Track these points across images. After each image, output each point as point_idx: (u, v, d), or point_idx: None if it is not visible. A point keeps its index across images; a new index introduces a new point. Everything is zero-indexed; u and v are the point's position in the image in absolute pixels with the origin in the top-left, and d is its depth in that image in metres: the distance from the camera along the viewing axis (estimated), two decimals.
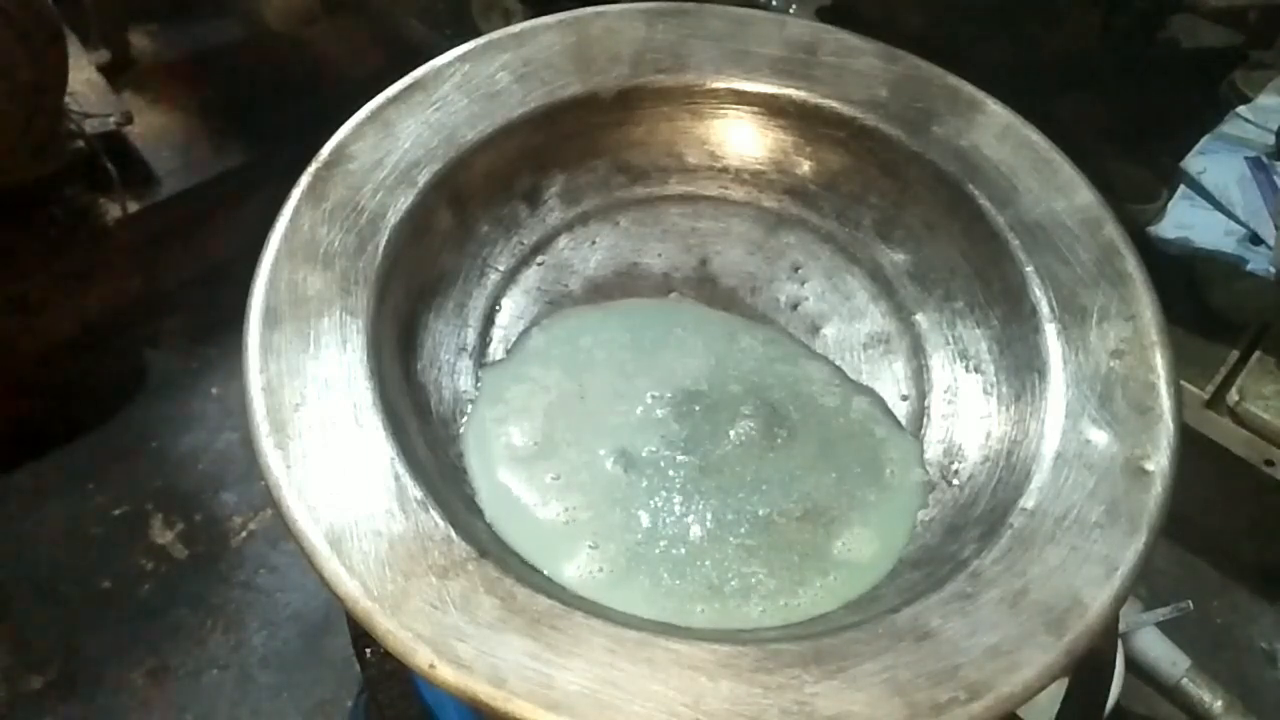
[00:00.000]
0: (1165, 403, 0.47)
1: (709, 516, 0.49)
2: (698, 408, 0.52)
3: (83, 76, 1.28)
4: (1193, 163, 1.20)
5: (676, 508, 0.49)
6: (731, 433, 0.52)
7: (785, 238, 0.60)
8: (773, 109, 0.60)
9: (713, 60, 0.60)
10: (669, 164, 0.61)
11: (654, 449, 0.51)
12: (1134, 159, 1.28)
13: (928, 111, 0.58)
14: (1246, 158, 1.19)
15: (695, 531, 0.48)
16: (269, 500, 0.42)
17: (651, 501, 0.49)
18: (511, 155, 0.57)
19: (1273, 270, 1.10)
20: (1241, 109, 1.25)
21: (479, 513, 0.48)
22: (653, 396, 0.53)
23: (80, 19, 1.36)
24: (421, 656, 0.37)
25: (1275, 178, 1.16)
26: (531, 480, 0.49)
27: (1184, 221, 1.16)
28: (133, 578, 1.24)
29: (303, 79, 1.53)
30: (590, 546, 0.47)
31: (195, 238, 1.41)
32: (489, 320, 0.56)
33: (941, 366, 0.55)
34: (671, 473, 0.50)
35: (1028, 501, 0.45)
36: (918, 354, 0.56)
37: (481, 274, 0.57)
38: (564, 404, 0.52)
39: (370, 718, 0.88)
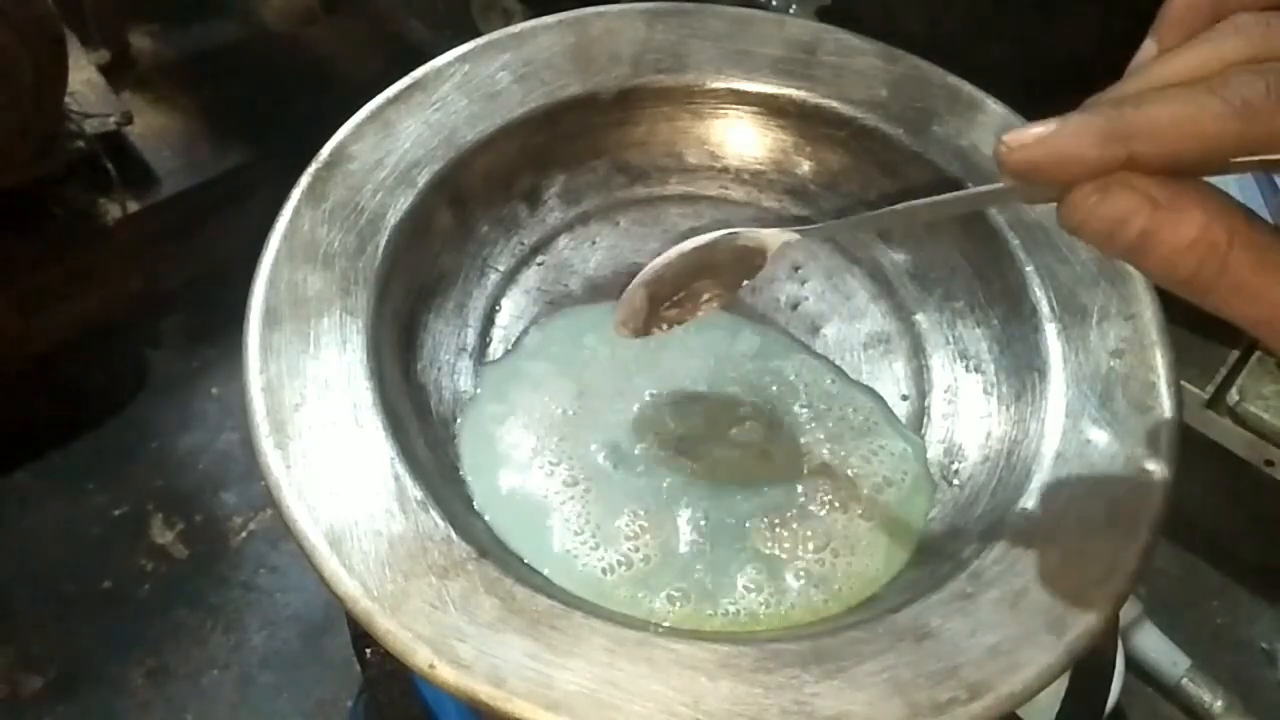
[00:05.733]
0: (1165, 403, 0.47)
1: (703, 520, 0.49)
2: (697, 407, 0.53)
3: (83, 76, 1.28)
4: None
5: (673, 509, 0.49)
6: (731, 433, 0.52)
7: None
8: (773, 109, 0.60)
9: (713, 60, 0.60)
10: (669, 164, 0.61)
11: (648, 447, 0.51)
12: None
13: (928, 111, 0.58)
14: None
15: (689, 534, 0.48)
16: (269, 500, 0.42)
17: (646, 501, 0.49)
18: (511, 155, 0.57)
19: None
20: None
21: (477, 511, 0.48)
22: (651, 395, 0.53)
23: (80, 19, 1.36)
24: (421, 656, 0.37)
25: (1275, 178, 1.16)
26: (523, 473, 0.49)
27: None
28: (133, 578, 1.24)
29: (303, 79, 1.53)
30: (578, 541, 0.47)
31: (195, 238, 1.41)
32: (489, 320, 0.56)
33: (941, 366, 0.55)
34: (665, 471, 0.50)
35: (1028, 501, 0.45)
36: (918, 354, 0.56)
37: (481, 274, 0.57)
38: (561, 401, 0.52)
39: (370, 718, 0.88)
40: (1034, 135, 0.31)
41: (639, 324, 0.50)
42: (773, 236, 0.47)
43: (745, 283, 0.49)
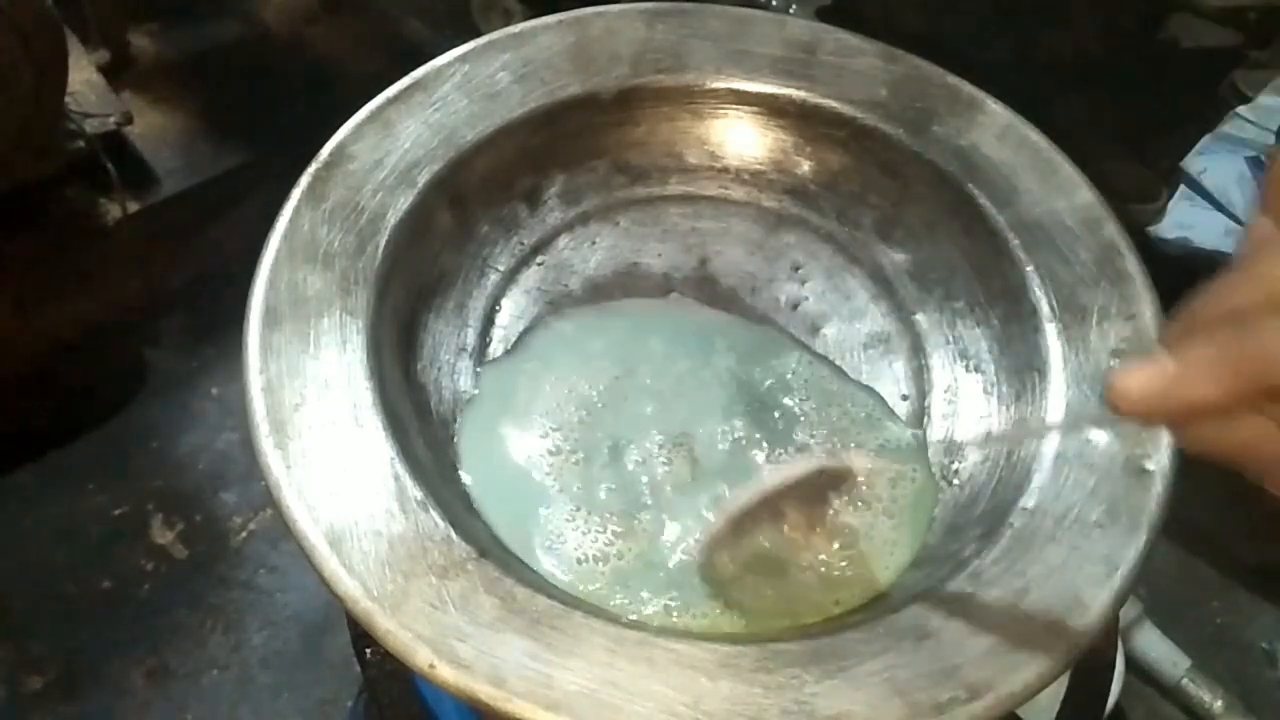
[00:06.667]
0: None
1: (707, 522, 0.48)
2: (697, 408, 0.52)
3: (83, 76, 1.27)
4: (1193, 163, 1.20)
5: (677, 510, 0.49)
6: (732, 435, 0.52)
7: (785, 238, 0.60)
8: (773, 109, 0.60)
9: (713, 60, 0.60)
10: (669, 164, 0.61)
11: (649, 446, 0.51)
12: (1134, 159, 1.28)
13: (928, 111, 0.58)
14: (1246, 158, 1.19)
15: (696, 537, 0.48)
16: (269, 500, 0.42)
17: (647, 500, 0.49)
18: (511, 155, 0.57)
19: None
20: (1241, 109, 1.25)
21: (477, 512, 0.48)
22: (651, 395, 0.53)
23: (80, 19, 1.36)
24: (421, 656, 0.38)
25: None
26: (523, 471, 0.49)
27: (1184, 221, 1.16)
28: (133, 578, 1.24)
29: (303, 79, 1.53)
30: (579, 538, 0.47)
31: (195, 238, 1.41)
32: (489, 320, 0.56)
33: (942, 366, 0.55)
34: (667, 468, 0.50)
35: (1028, 501, 0.45)
36: (918, 354, 0.56)
37: (481, 274, 0.57)
38: (561, 401, 0.52)
39: (370, 718, 0.88)
40: (1147, 379, 0.28)
41: (724, 562, 0.46)
42: (859, 461, 0.46)
43: (833, 496, 0.47)
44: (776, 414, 0.53)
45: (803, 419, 0.53)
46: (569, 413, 0.52)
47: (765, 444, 0.51)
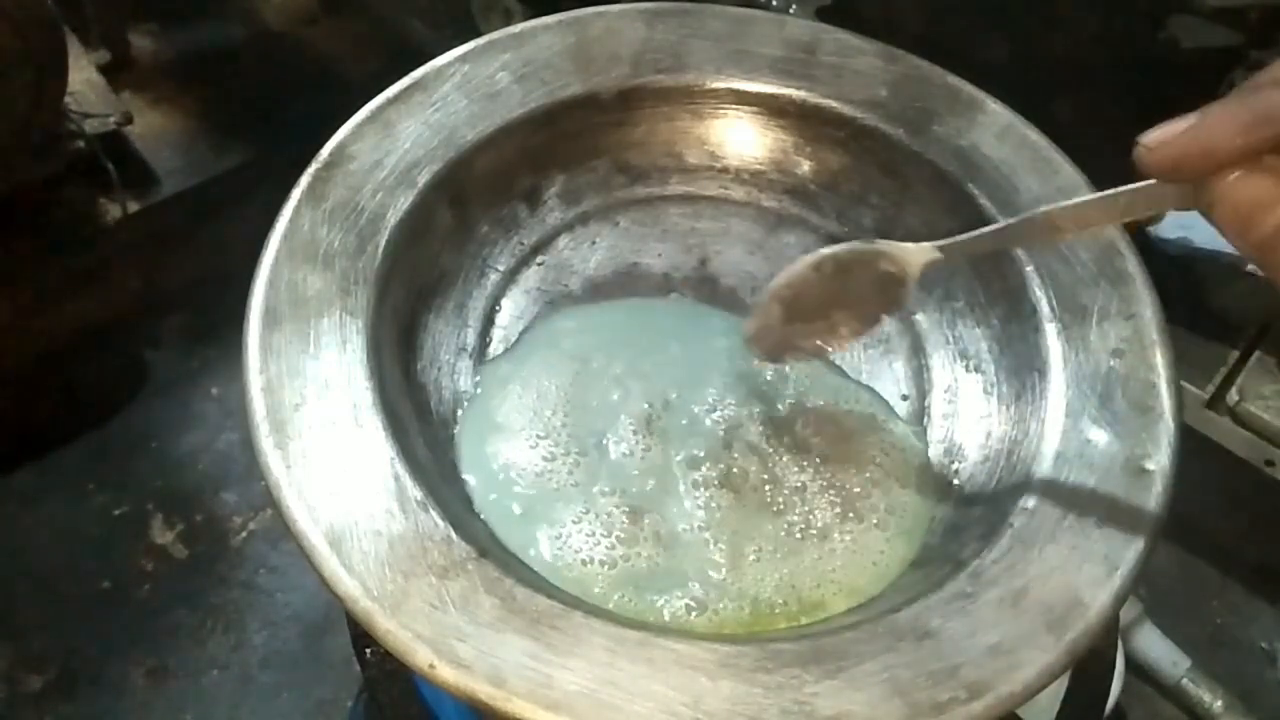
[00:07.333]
0: (1165, 402, 0.47)
1: (709, 519, 0.48)
2: (697, 406, 0.52)
3: (83, 76, 1.27)
4: None
5: (678, 511, 0.49)
6: (734, 433, 0.52)
7: (785, 238, 0.60)
8: (773, 109, 0.60)
9: (713, 60, 0.60)
10: (669, 164, 0.61)
11: (648, 446, 0.51)
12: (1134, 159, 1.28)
13: (928, 111, 0.58)
14: None
15: (704, 535, 0.48)
16: (269, 500, 0.42)
17: (647, 500, 0.49)
18: (511, 155, 0.57)
19: None
20: None
21: (477, 512, 0.48)
22: (651, 393, 0.53)
23: (80, 19, 1.36)
24: (421, 656, 0.38)
25: None
26: (524, 470, 0.49)
27: (1184, 221, 1.16)
28: (133, 578, 1.24)
29: (303, 79, 1.53)
30: (577, 536, 0.47)
31: (195, 238, 1.41)
32: (489, 320, 0.56)
33: (941, 366, 0.55)
34: (665, 466, 0.50)
35: (1028, 501, 0.45)
36: (918, 354, 0.56)
37: (481, 274, 0.57)
38: (559, 398, 0.52)
39: (370, 718, 0.88)
40: (1173, 131, 0.30)
41: (771, 343, 0.48)
42: (915, 255, 0.45)
43: (885, 318, 0.47)
44: (779, 406, 0.53)
45: (808, 418, 0.53)
46: (568, 410, 0.52)
47: (768, 444, 0.51)
